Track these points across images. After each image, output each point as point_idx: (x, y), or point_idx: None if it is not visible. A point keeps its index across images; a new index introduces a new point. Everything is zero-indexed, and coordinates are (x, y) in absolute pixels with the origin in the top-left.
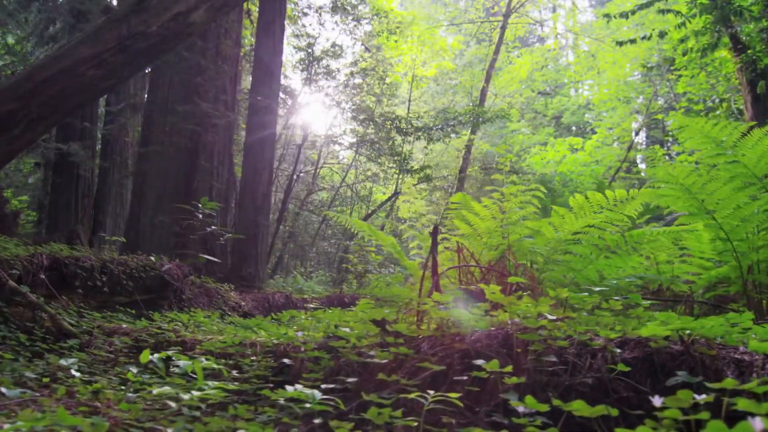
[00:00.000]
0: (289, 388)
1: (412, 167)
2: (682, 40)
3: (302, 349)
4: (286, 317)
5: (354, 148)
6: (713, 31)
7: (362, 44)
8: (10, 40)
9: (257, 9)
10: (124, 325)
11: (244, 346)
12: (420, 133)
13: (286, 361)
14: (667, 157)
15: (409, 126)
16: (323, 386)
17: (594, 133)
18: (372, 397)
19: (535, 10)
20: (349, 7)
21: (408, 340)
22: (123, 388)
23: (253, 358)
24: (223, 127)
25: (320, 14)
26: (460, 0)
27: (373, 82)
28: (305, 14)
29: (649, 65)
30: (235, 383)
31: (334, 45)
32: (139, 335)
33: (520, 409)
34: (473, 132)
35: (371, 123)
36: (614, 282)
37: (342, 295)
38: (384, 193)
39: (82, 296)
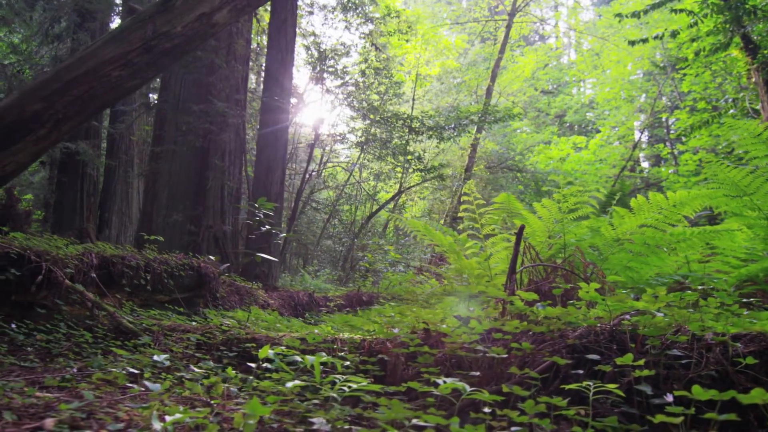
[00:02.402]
0: (439, 381)
1: (425, 166)
2: (693, 40)
3: (389, 345)
4: (372, 313)
5: (362, 147)
6: (726, 30)
7: (372, 43)
8: (15, 39)
9: (263, 9)
10: (193, 323)
11: (327, 342)
12: (432, 132)
13: (384, 357)
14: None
15: (422, 125)
16: (449, 380)
17: (597, 131)
18: (515, 389)
19: (537, 9)
20: (361, 6)
21: (512, 336)
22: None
23: (342, 354)
24: (235, 126)
25: (332, 12)
26: None
27: (382, 81)
28: (311, 13)
29: (661, 64)
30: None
31: (343, 44)
32: (208, 332)
33: (669, 398)
34: (479, 130)
35: (383, 122)
36: (663, 279)
37: (360, 293)
38: (387, 192)
39: (127, 294)
